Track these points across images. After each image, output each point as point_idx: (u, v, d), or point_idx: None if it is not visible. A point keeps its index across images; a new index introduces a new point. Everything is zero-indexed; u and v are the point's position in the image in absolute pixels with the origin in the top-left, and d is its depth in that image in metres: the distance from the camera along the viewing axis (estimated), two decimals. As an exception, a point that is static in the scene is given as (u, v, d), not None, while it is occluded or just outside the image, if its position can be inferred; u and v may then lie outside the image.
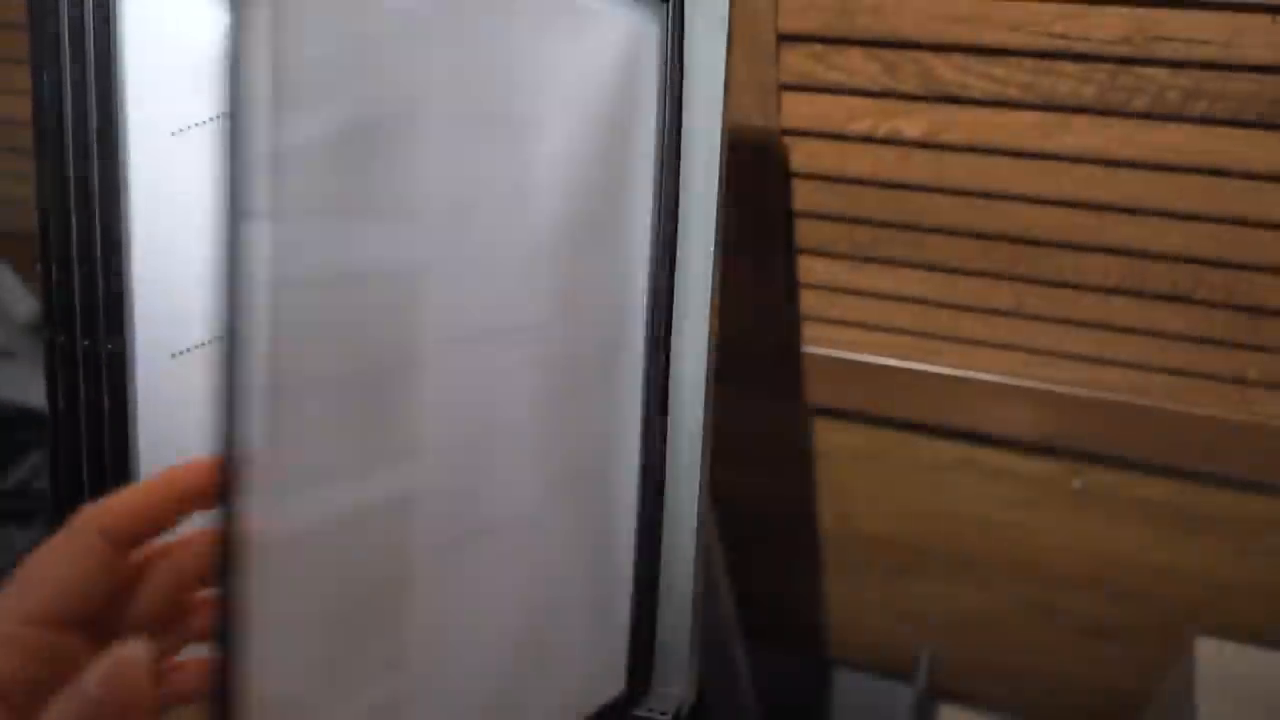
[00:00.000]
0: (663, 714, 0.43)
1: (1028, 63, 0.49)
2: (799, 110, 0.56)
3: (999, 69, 0.50)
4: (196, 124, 0.37)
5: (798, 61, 0.54)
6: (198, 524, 0.28)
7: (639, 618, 0.43)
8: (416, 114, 0.29)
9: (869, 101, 0.54)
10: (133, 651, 0.24)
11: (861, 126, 0.56)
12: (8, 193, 0.89)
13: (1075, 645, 0.89)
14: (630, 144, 0.39)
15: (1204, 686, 0.70)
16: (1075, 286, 0.60)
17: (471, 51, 0.31)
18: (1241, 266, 0.55)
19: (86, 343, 0.37)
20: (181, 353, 0.38)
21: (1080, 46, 0.47)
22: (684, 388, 0.42)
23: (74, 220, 0.37)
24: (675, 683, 0.44)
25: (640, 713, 0.43)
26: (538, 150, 0.34)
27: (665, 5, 0.38)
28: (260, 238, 0.24)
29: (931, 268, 0.63)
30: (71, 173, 0.36)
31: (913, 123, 0.54)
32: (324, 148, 0.26)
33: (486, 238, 0.33)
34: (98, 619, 0.26)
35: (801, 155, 0.59)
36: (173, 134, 0.37)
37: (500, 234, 0.34)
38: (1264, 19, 0.44)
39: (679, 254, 0.41)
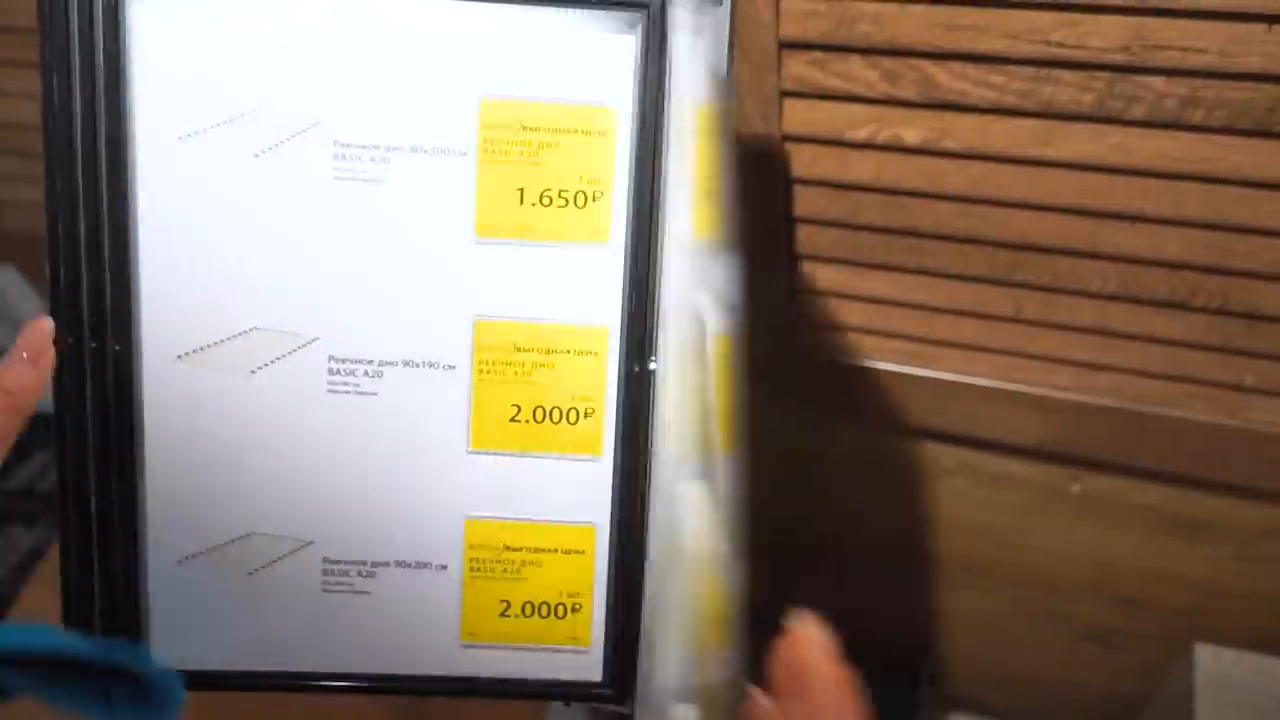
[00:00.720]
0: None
1: (1026, 70, 0.50)
2: (800, 116, 0.57)
3: (997, 77, 0.50)
4: (203, 129, 0.38)
5: (799, 68, 0.54)
6: None
7: (630, 616, 0.43)
8: None
9: (869, 108, 0.55)
10: None
11: (862, 133, 0.56)
12: (16, 195, 0.90)
13: (1075, 651, 0.89)
14: (606, 152, 0.40)
15: (1203, 692, 0.71)
16: (1073, 293, 0.61)
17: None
18: (1238, 273, 0.55)
19: (94, 344, 0.38)
20: (186, 354, 0.39)
21: (1078, 55, 0.48)
22: (684, 391, 0.42)
23: (82, 222, 0.37)
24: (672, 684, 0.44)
25: (625, 710, 0.44)
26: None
27: (644, 13, 0.38)
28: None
29: (931, 273, 0.63)
30: (80, 175, 0.37)
31: (912, 129, 0.55)
32: None
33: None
34: None
35: (802, 161, 0.59)
36: (180, 139, 0.38)
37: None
38: (1259, 28, 0.44)
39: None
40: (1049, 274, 0.60)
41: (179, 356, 0.39)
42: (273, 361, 0.39)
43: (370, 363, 0.40)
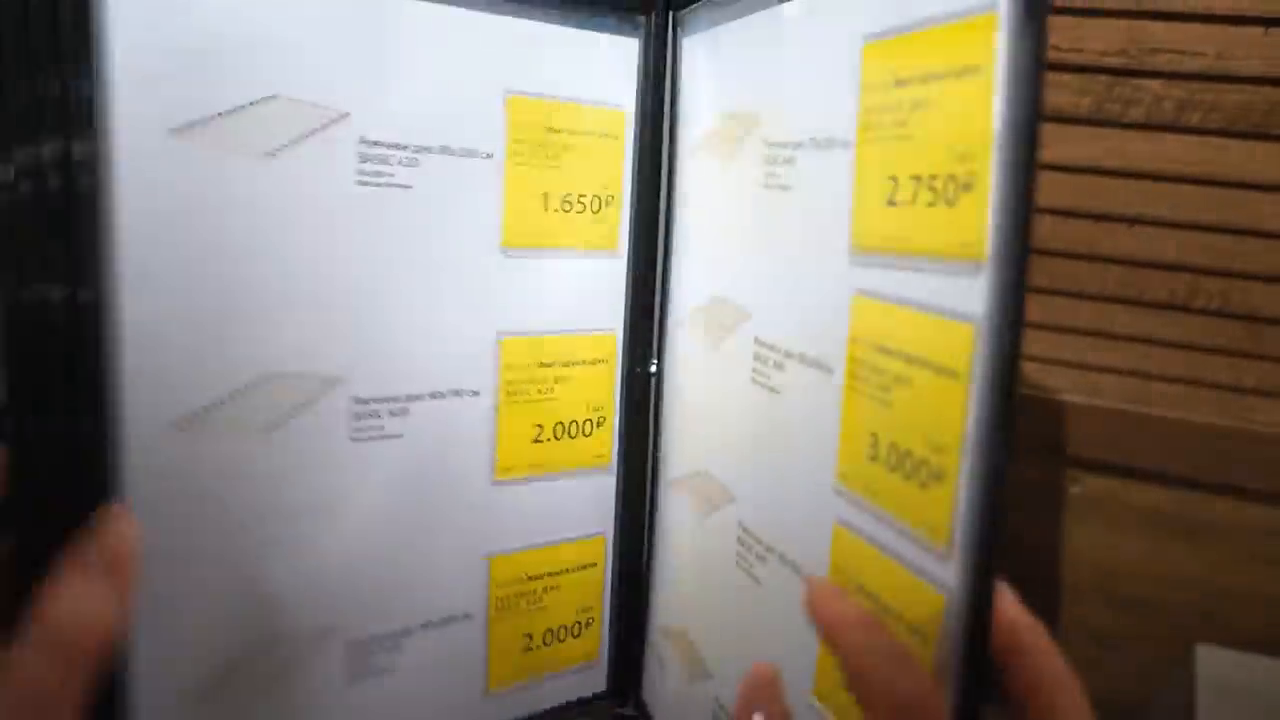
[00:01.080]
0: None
1: (1025, 74, 0.50)
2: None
3: (996, 80, 0.51)
4: (201, 120, 0.29)
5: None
6: None
7: (635, 621, 0.43)
8: None
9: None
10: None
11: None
12: None
13: (1075, 653, 0.89)
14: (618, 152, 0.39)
15: (1204, 694, 0.70)
16: (1073, 295, 0.61)
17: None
18: (1237, 275, 0.55)
19: (41, 421, 0.26)
20: (182, 420, 0.29)
21: (1076, 58, 0.48)
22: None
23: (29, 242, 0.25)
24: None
25: (627, 711, 0.43)
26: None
27: (648, 17, 0.39)
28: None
29: (931, 276, 0.63)
30: (30, 175, 0.25)
31: (912, 133, 0.55)
32: None
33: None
34: None
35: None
36: (172, 132, 0.29)
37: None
38: (1256, 31, 0.44)
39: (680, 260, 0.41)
40: (1048, 276, 0.60)
41: (173, 423, 0.29)
42: (290, 416, 0.31)
43: (395, 400, 0.34)
